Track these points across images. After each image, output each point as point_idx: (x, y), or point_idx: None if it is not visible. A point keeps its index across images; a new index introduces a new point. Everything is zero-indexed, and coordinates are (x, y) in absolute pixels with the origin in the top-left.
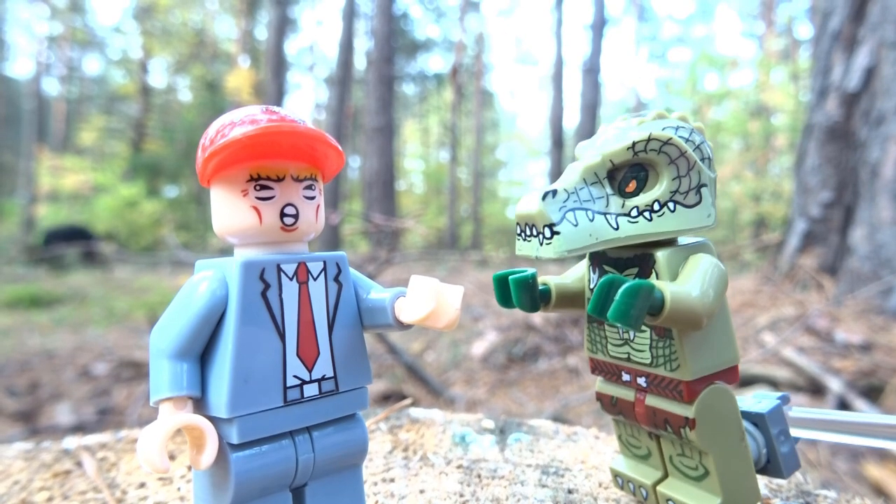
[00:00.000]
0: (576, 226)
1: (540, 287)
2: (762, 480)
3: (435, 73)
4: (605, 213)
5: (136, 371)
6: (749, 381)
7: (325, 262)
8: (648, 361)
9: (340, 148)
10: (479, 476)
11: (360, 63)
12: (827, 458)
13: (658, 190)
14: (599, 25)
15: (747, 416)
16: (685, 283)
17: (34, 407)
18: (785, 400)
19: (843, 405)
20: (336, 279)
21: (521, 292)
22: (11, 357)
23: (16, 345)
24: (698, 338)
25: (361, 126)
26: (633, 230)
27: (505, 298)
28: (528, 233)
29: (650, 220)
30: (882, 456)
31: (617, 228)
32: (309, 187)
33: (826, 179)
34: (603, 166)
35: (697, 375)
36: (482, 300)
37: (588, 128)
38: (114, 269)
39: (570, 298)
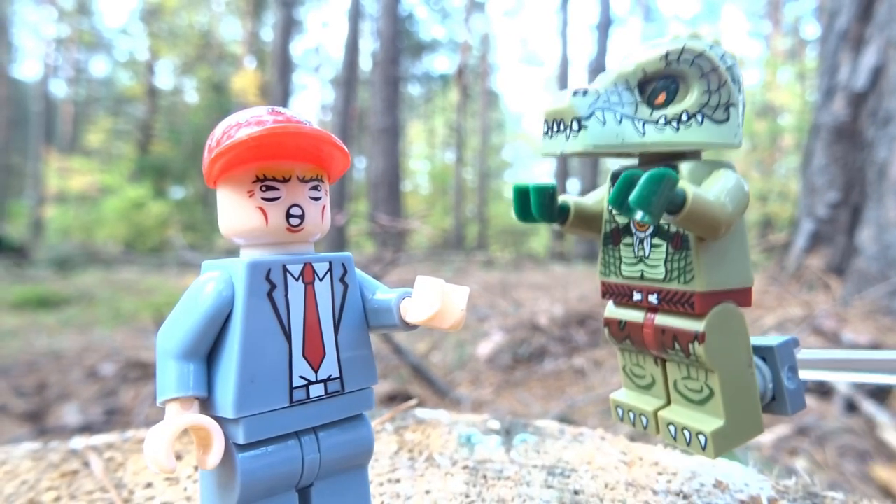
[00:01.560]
0: (604, 124)
1: (559, 204)
2: (769, 480)
3: (440, 74)
4: (633, 118)
5: (143, 371)
6: None
7: (330, 263)
8: (662, 276)
9: (346, 149)
10: (484, 477)
11: (365, 64)
12: (834, 460)
13: (688, 101)
14: (605, 25)
15: (757, 349)
16: (707, 189)
17: (42, 407)
18: (795, 342)
19: (851, 406)
20: (342, 280)
21: (540, 201)
22: (19, 358)
23: (23, 345)
24: (715, 250)
25: (367, 127)
26: (659, 137)
27: (523, 210)
28: (555, 129)
29: (677, 129)
30: (890, 457)
31: (644, 134)
32: (315, 188)
33: (833, 179)
34: (635, 74)
35: (711, 287)
36: (488, 301)
37: None
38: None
39: (588, 219)
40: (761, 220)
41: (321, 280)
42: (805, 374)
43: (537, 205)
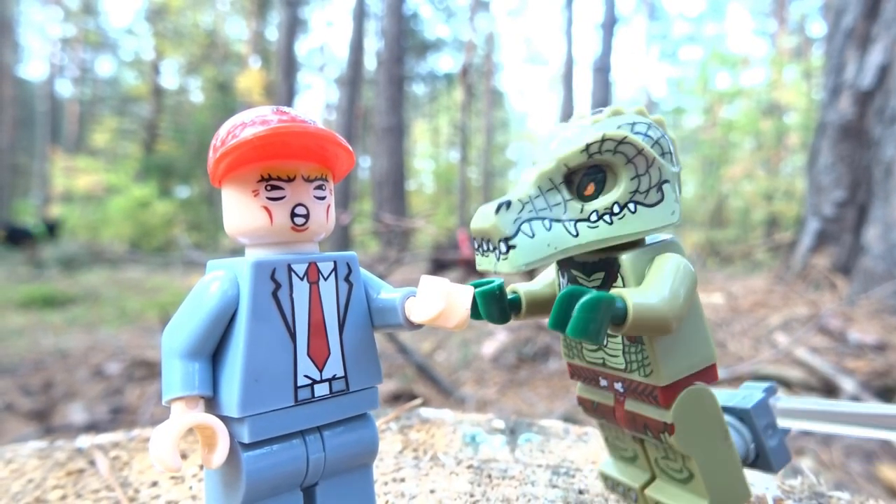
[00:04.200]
0: (532, 237)
1: (509, 296)
2: (775, 480)
3: (445, 73)
4: (562, 221)
5: (149, 370)
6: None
7: (335, 262)
8: (623, 367)
9: (351, 148)
10: (489, 476)
11: (370, 63)
12: (840, 460)
13: (617, 191)
14: (610, 24)
15: (732, 411)
16: (650, 287)
17: (48, 406)
18: (771, 391)
19: None
20: (346, 279)
21: (488, 304)
22: (26, 357)
23: (30, 344)
24: (669, 341)
25: (372, 126)
26: (594, 235)
27: (473, 311)
28: (485, 248)
29: (611, 223)
30: None
31: (576, 235)
32: (319, 187)
33: (839, 178)
34: (558, 171)
35: (672, 380)
36: None
37: None
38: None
39: (542, 305)
40: (767, 219)
41: (326, 279)
42: (786, 424)
43: (484, 308)
